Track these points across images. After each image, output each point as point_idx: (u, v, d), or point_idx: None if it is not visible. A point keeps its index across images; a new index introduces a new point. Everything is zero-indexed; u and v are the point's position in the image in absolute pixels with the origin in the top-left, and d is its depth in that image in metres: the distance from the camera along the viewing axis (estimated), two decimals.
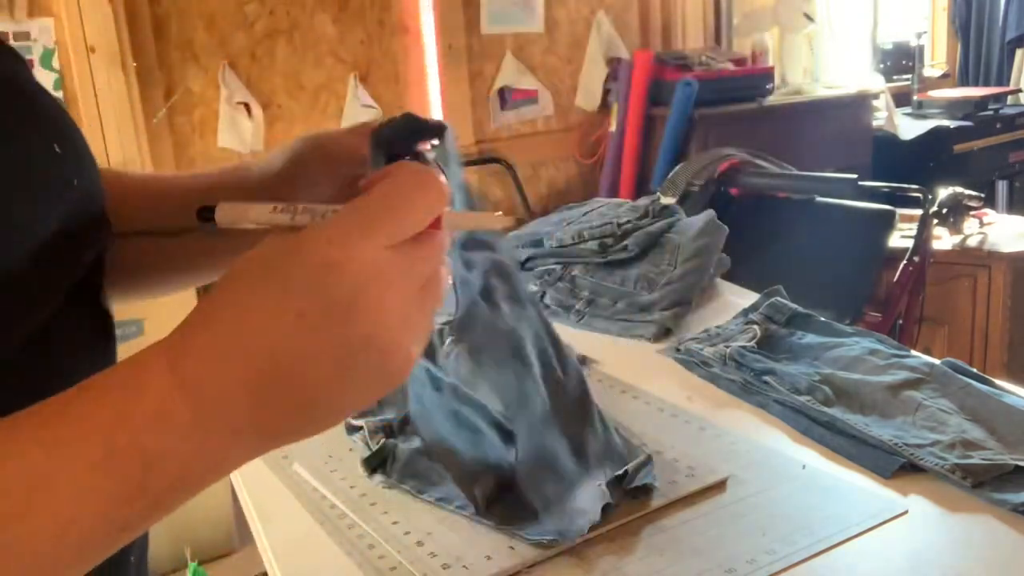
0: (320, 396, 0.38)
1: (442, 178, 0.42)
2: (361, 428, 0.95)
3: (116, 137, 2.64)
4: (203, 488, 0.38)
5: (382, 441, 0.91)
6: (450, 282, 0.44)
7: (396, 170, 0.41)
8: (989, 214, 2.57)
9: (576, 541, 0.75)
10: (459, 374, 0.88)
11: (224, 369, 0.37)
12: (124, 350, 0.48)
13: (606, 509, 0.77)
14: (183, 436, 0.36)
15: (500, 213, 0.48)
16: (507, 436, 0.83)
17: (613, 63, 3.32)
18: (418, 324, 0.40)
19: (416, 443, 0.91)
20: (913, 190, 2.27)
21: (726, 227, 1.46)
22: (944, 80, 4.46)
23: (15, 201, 0.43)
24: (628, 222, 1.45)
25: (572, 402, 0.86)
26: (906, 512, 0.78)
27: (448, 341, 1.10)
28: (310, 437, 0.40)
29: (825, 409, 0.95)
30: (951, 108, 3.69)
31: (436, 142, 0.63)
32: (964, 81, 4.49)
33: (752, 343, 1.11)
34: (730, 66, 3.19)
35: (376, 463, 0.88)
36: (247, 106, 2.89)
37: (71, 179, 0.49)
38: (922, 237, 2.23)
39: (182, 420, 0.36)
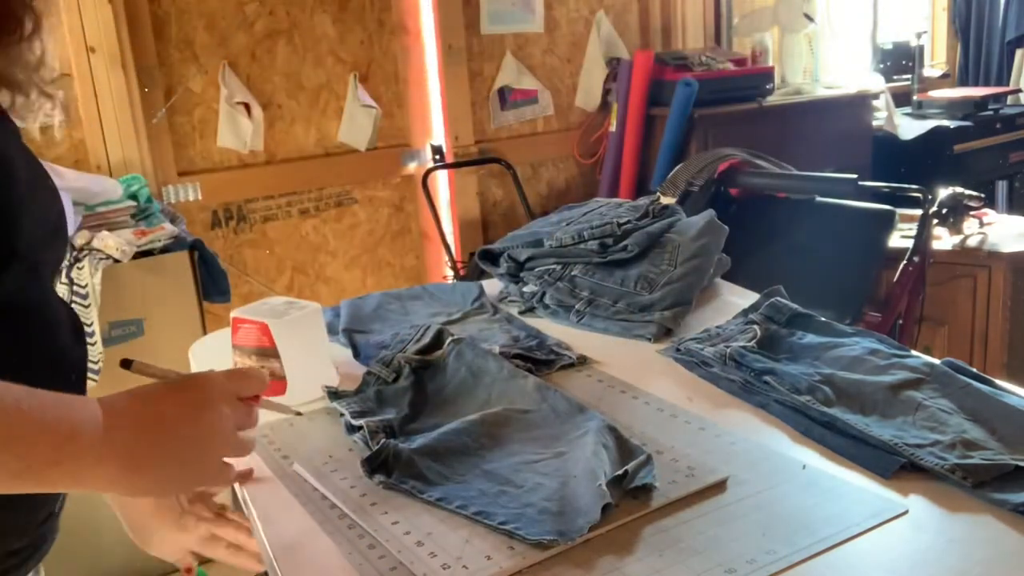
0: (166, 458, 0.62)
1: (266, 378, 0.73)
2: (362, 428, 0.95)
3: (116, 137, 2.64)
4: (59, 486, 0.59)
5: (382, 441, 0.91)
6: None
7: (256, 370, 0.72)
8: (989, 214, 2.57)
9: (576, 541, 0.75)
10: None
11: (129, 432, 0.60)
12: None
13: (606, 509, 0.77)
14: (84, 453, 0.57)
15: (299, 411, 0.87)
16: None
17: (613, 63, 3.32)
18: (224, 447, 0.66)
19: (416, 443, 0.91)
20: (913, 190, 2.27)
21: (726, 227, 1.46)
22: (944, 80, 4.46)
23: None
24: (628, 222, 1.45)
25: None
26: (906, 512, 0.78)
27: (449, 341, 1.10)
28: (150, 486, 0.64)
29: (825, 409, 0.94)
30: (951, 108, 3.69)
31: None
32: (964, 81, 4.49)
33: (752, 343, 1.11)
34: (730, 66, 3.19)
35: (376, 463, 0.88)
36: (247, 106, 2.90)
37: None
38: (922, 237, 2.23)
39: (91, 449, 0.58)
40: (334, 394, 1.03)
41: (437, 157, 3.10)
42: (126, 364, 0.66)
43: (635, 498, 0.81)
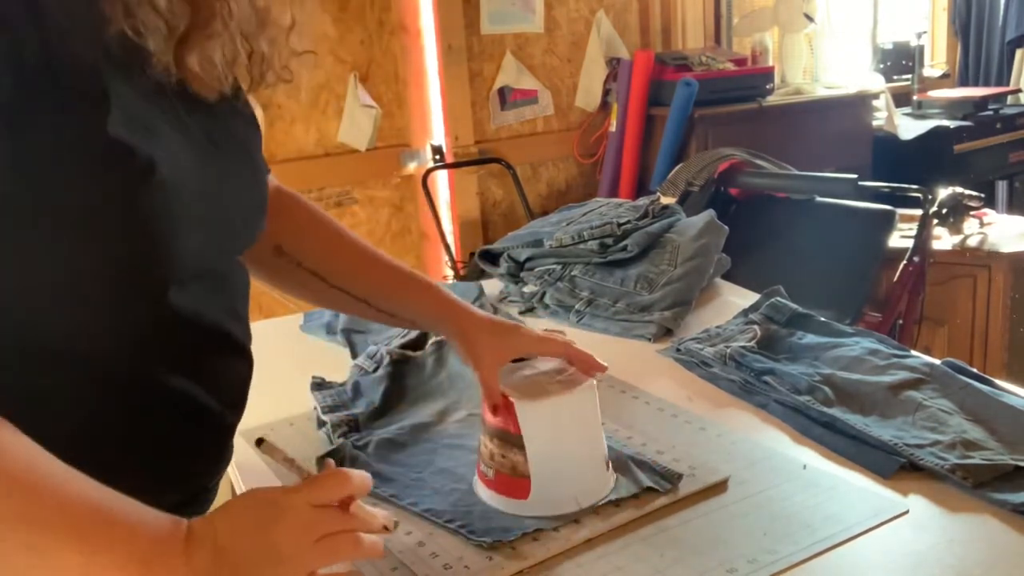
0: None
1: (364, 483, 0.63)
2: (327, 423, 0.97)
3: None
4: None
5: (343, 437, 0.94)
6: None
7: (341, 473, 0.62)
8: (989, 214, 2.57)
9: (517, 537, 0.75)
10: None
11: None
12: None
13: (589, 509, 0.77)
14: None
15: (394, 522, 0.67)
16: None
17: (613, 63, 3.31)
18: (312, 556, 0.59)
19: (376, 435, 0.94)
20: (913, 190, 2.27)
21: (726, 227, 1.46)
22: (944, 80, 4.45)
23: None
24: (628, 222, 1.45)
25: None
26: (906, 512, 0.78)
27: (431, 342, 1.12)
28: None
29: (825, 409, 0.95)
30: (951, 108, 3.68)
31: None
32: (964, 81, 4.49)
33: (752, 343, 1.11)
34: (730, 66, 3.19)
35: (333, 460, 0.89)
36: None
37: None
38: (922, 237, 2.23)
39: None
40: (317, 385, 1.05)
41: (437, 157, 3.10)
42: (258, 442, 0.67)
43: (636, 498, 0.81)
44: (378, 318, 0.93)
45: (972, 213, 2.47)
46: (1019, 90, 4.08)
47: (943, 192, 2.30)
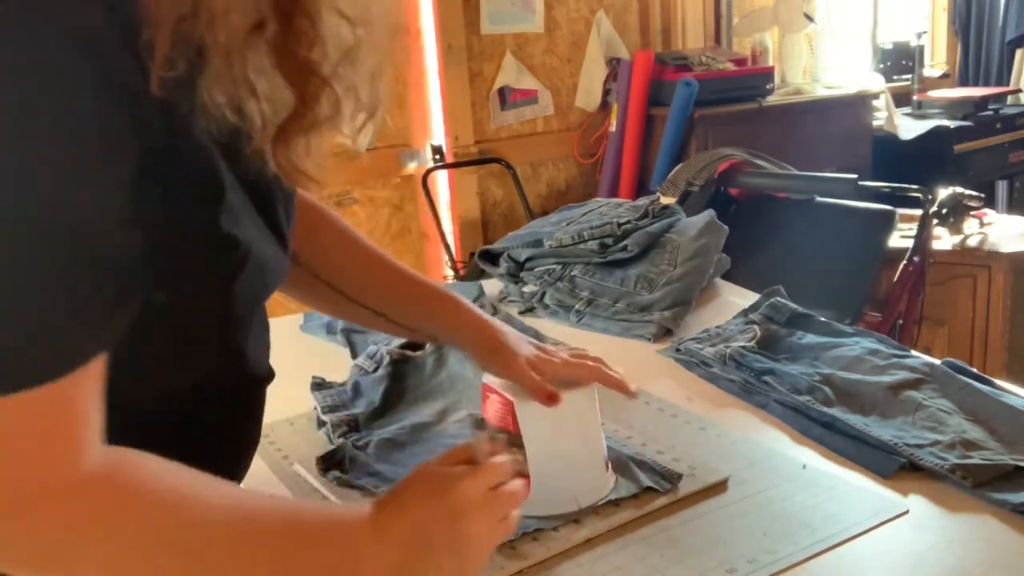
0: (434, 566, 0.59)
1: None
2: (326, 424, 0.97)
3: None
4: None
5: (343, 437, 0.94)
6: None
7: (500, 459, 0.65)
8: (989, 214, 2.57)
9: (517, 535, 0.75)
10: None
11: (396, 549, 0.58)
12: None
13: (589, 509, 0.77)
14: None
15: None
16: None
17: (613, 63, 3.31)
18: (493, 538, 0.62)
19: (376, 436, 0.93)
20: (913, 190, 2.27)
21: (726, 227, 1.46)
22: (944, 80, 4.45)
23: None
24: (628, 222, 1.45)
25: None
26: (906, 512, 0.78)
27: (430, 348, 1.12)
28: None
29: (825, 409, 0.95)
30: (951, 108, 3.68)
31: None
32: (964, 81, 4.49)
33: (752, 343, 1.11)
34: (730, 66, 3.18)
35: (332, 462, 0.89)
36: None
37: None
38: (922, 237, 2.23)
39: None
40: (317, 385, 1.05)
41: (437, 157, 3.10)
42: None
43: (636, 498, 0.81)
44: (397, 332, 0.92)
45: (972, 213, 2.46)
46: (1019, 90, 4.08)
47: (943, 192, 2.30)
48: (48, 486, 0.50)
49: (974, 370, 0.99)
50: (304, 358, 1.22)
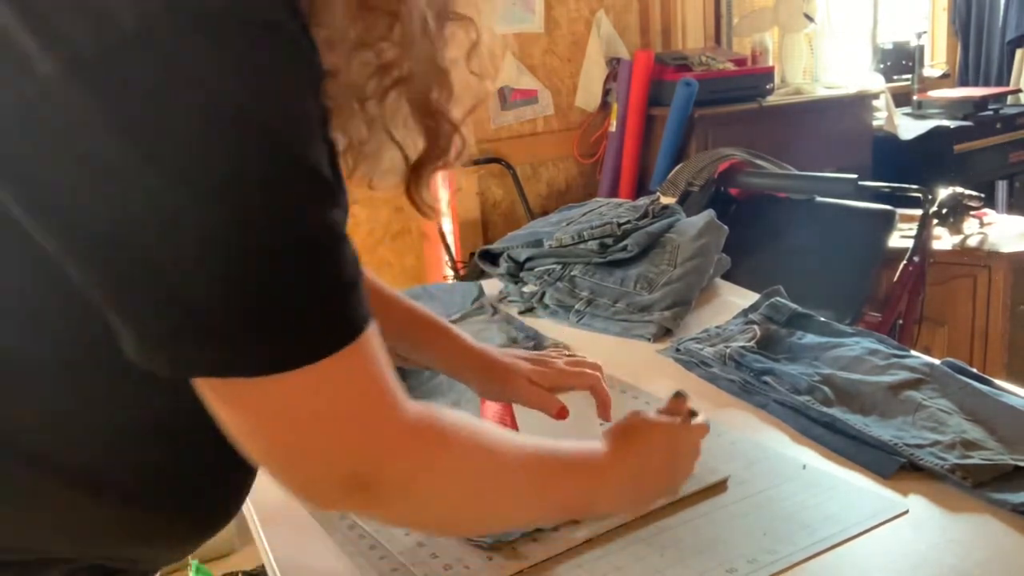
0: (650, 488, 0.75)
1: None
2: None
3: None
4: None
5: None
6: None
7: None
8: (989, 214, 2.57)
9: (515, 537, 0.75)
10: None
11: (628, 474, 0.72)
12: None
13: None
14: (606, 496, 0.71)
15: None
16: None
17: (613, 63, 3.31)
18: (689, 470, 0.78)
19: None
20: (913, 190, 2.27)
21: (726, 227, 1.46)
22: (944, 80, 4.45)
23: None
24: (628, 222, 1.45)
25: None
26: (906, 512, 0.78)
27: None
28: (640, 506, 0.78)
29: (825, 409, 0.95)
30: (951, 108, 3.68)
31: None
32: (964, 81, 4.49)
33: (752, 343, 1.11)
34: (730, 66, 3.18)
35: None
36: None
37: None
38: (922, 237, 2.23)
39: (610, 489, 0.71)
40: None
41: None
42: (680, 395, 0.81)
43: None
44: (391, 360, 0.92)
45: (972, 213, 2.46)
46: (1019, 90, 4.08)
47: (943, 192, 2.30)
48: (390, 437, 0.53)
49: (974, 370, 0.99)
50: None
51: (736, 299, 1.37)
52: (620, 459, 0.71)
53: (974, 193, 2.32)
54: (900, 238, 2.29)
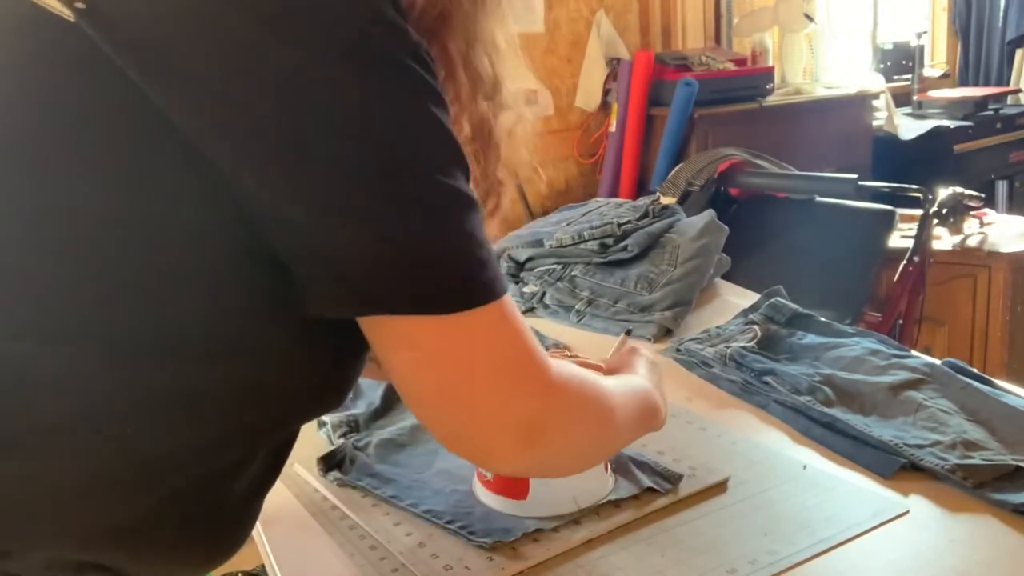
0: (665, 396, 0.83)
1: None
2: (326, 424, 0.97)
3: None
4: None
5: (343, 438, 0.94)
6: None
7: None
8: (989, 214, 2.57)
9: (518, 536, 0.75)
10: None
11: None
12: None
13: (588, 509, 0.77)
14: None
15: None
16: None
17: (613, 63, 3.31)
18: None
19: (376, 437, 0.93)
20: (913, 190, 2.26)
21: (726, 227, 1.46)
22: (944, 80, 4.45)
23: None
24: (628, 222, 1.45)
25: None
26: (907, 512, 0.78)
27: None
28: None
29: (825, 409, 0.95)
30: (951, 108, 3.68)
31: None
32: (964, 81, 4.49)
33: (752, 343, 1.11)
34: (730, 66, 3.18)
35: (332, 462, 0.89)
36: None
37: None
38: (922, 237, 2.23)
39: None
40: None
41: None
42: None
43: (636, 498, 0.81)
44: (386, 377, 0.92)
45: (972, 213, 2.46)
46: (1019, 90, 4.08)
47: (943, 192, 2.30)
48: (549, 384, 0.57)
49: (974, 370, 0.99)
50: None
51: (736, 299, 1.37)
52: (649, 379, 0.80)
53: (974, 193, 2.32)
54: (900, 238, 2.29)
